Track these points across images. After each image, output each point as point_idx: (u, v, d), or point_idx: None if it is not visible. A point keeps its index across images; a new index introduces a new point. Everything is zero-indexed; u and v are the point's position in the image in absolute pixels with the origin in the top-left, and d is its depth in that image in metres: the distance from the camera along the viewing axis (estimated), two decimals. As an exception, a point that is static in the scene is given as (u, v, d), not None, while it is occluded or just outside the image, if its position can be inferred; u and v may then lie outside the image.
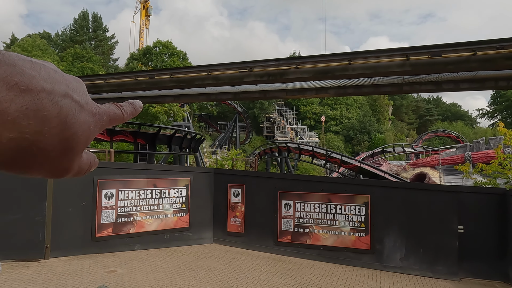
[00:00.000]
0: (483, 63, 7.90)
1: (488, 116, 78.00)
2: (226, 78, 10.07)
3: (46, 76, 0.38)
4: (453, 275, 8.21)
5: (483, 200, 8.49)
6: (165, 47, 50.69)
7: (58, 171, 0.42)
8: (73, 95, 0.40)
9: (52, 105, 0.37)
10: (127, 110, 0.50)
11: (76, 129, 0.40)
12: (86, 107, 0.42)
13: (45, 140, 0.37)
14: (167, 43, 51.31)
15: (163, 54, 50.65)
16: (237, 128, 60.85)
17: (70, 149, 0.41)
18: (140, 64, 48.07)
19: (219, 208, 10.43)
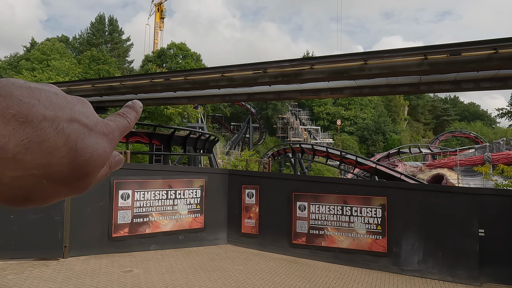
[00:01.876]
0: (505, 61, 7.66)
1: (508, 116, 75.63)
2: (240, 79, 10.07)
3: (48, 103, 0.35)
4: (473, 279, 7.98)
5: (505, 202, 8.22)
6: (179, 49, 51.23)
7: (78, 191, 0.40)
8: (80, 118, 0.37)
9: (57, 133, 0.34)
10: (131, 117, 0.48)
11: (90, 154, 0.37)
12: (95, 129, 0.39)
13: (56, 173, 0.34)
14: (181, 45, 51.85)
15: (177, 56, 51.20)
16: (250, 129, 60.97)
17: (86, 174, 0.38)
18: (155, 66, 48.71)
19: (233, 209, 10.43)
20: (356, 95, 12.61)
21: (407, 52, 8.31)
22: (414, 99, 78.98)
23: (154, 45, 72.51)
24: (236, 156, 40.49)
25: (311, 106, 69.36)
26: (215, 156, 32.13)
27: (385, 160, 36.74)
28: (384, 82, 10.31)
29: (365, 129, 64.74)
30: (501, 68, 8.12)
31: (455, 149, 35.93)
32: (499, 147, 29.61)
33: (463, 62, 7.83)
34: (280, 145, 34.77)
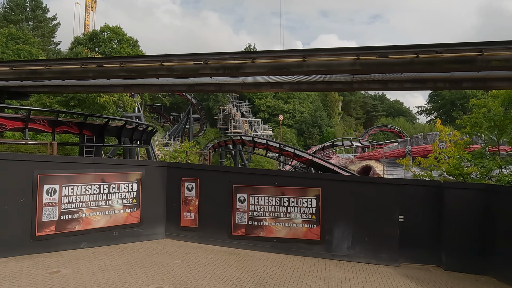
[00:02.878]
0: (425, 65, 8.52)
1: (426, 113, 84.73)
2: (181, 70, 9.81)
3: None
4: (393, 261, 8.87)
5: (421, 191, 9.23)
6: (114, 33, 47.92)
7: None
8: None
9: None
10: None
11: None
12: None
13: None
14: (116, 28, 48.53)
15: (112, 40, 47.89)
16: (190, 120, 59.71)
17: None
18: (86, 49, 44.98)
19: (172, 202, 10.21)
20: (295, 90, 13.04)
21: (342, 51, 8.82)
22: (348, 95, 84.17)
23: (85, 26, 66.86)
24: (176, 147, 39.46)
25: (252, 98, 70.14)
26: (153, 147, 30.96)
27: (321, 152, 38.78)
28: (320, 79, 10.82)
29: (303, 123, 67.47)
30: (421, 71, 9.02)
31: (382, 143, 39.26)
32: (418, 141, 33.03)
33: (390, 64, 8.55)
34: (221, 137, 34.70)
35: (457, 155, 15.72)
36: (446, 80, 10.03)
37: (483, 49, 7.85)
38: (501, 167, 14.97)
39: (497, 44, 7.94)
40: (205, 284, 6.80)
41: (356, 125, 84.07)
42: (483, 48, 7.88)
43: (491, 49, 7.87)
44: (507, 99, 15.19)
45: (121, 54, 42.05)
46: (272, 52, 9.63)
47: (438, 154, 16.82)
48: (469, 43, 8.15)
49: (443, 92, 73.35)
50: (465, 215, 8.62)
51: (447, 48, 8.16)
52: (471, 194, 8.74)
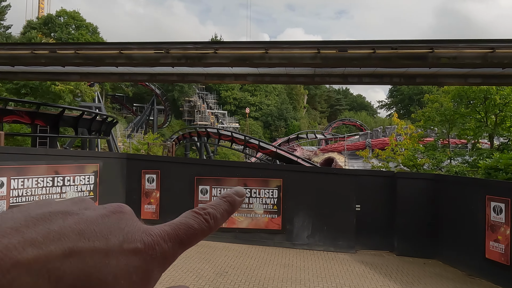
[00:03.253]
0: (381, 61, 8.87)
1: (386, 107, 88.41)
2: (141, 59, 9.48)
3: None
4: (350, 248, 9.28)
5: (376, 181, 9.69)
6: (72, 18, 45.32)
7: None
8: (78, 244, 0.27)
9: None
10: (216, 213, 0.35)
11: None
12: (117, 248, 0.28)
13: None
14: (73, 13, 45.89)
15: (69, 26, 45.29)
16: (154, 111, 58.07)
17: None
18: (40, 34, 42.18)
19: (132, 195, 9.96)
20: (259, 83, 13.08)
21: (303, 45, 8.96)
22: (313, 89, 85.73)
23: (39, 9, 62.48)
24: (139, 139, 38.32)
25: (218, 90, 69.46)
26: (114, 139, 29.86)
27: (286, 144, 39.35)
28: (283, 71, 10.93)
29: (269, 115, 67.94)
30: (378, 66, 9.38)
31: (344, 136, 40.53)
32: (377, 134, 34.44)
33: (349, 58, 8.81)
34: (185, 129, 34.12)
35: (411, 147, 16.65)
36: (402, 75, 10.51)
37: (434, 46, 8.31)
38: (450, 158, 16.04)
39: (446, 42, 8.43)
40: (164, 276, 6.74)
41: (321, 119, 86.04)
42: (434, 45, 8.34)
43: (441, 47, 8.35)
44: (456, 95, 16.25)
45: (80, 41, 39.89)
46: (235, 43, 9.58)
47: (395, 146, 17.72)
48: (422, 40, 8.59)
49: (402, 88, 76.81)
50: (416, 204, 9.17)
51: (401, 44, 8.54)
52: (421, 184, 9.31)
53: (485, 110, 15.43)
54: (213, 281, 6.64)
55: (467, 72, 9.76)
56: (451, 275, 7.81)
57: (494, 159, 9.93)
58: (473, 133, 16.12)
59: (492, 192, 7.37)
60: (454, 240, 8.41)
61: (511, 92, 14.66)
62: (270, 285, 6.65)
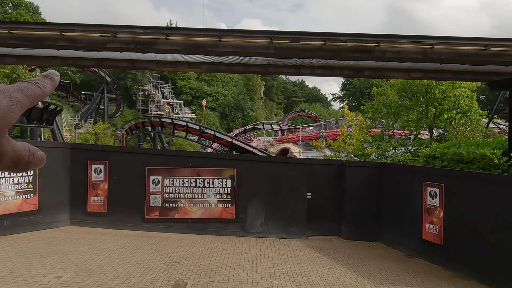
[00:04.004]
0: (332, 53, 9.12)
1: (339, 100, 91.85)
2: (85, 42, 8.87)
3: None
4: (302, 234, 9.59)
5: (327, 170, 10.06)
6: (8, -5, 41.28)
7: None
8: None
9: None
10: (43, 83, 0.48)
11: None
12: None
13: None
14: (10, -10, 41.81)
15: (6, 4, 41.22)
16: (105, 100, 55.07)
17: None
18: (-29, 12, 37.94)
19: (78, 187, 9.43)
20: (213, 71, 12.89)
21: (256, 34, 8.94)
22: (270, 80, 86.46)
23: (-31, -16, 56.04)
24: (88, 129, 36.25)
25: (174, 79, 67.56)
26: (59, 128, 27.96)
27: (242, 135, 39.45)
28: (238, 60, 10.85)
29: (226, 106, 67.51)
30: (329, 58, 9.64)
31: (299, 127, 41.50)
32: (331, 126, 35.73)
33: (301, 49, 8.95)
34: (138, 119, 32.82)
35: (360, 138, 17.49)
36: (351, 68, 10.91)
37: (380, 41, 8.71)
38: (395, 148, 17.10)
39: (391, 37, 8.88)
40: (112, 269, 6.50)
41: (277, 110, 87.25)
42: (380, 40, 8.74)
43: (386, 41, 8.77)
44: (401, 88, 17.29)
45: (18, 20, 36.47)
46: (188, 30, 9.31)
47: (345, 137, 18.50)
48: (369, 34, 8.96)
49: (353, 81, 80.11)
50: (362, 190, 9.67)
51: (350, 38, 8.85)
52: (368, 172, 9.82)
53: (426, 103, 16.60)
54: (164, 272, 6.53)
55: (409, 67, 10.37)
56: (392, 256, 8.38)
57: (432, 148, 10.73)
58: (415, 124, 17.30)
59: (429, 178, 7.98)
60: (396, 223, 9.03)
61: (448, 86, 15.90)
62: (222, 273, 6.68)
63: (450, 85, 15.76)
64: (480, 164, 9.00)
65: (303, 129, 39.68)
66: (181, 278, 6.30)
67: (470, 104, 16.22)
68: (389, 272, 7.18)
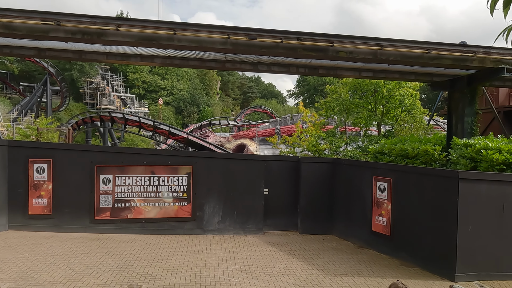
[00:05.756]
0: (288, 51, 9.24)
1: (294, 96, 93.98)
2: (24, 29, 8.10)
3: None
4: (259, 230, 9.67)
5: (283, 166, 10.23)
6: None
7: None
8: None
9: None
10: None
11: None
12: None
13: None
14: None
15: None
16: (48, 92, 51.20)
17: None
18: None
19: (17, 188, 8.65)
20: (168, 65, 12.49)
21: (213, 29, 8.78)
22: (226, 76, 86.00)
23: None
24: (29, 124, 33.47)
25: (125, 72, 64.64)
26: (-6, 123, 25.46)
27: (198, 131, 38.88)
28: (194, 55, 10.59)
29: (181, 100, 66.06)
30: (285, 56, 9.75)
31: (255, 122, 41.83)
32: (286, 122, 36.43)
33: (258, 46, 8.96)
34: (86, 113, 30.92)
35: (314, 134, 18.03)
36: (306, 66, 11.16)
37: (334, 40, 8.99)
38: (347, 144, 17.86)
39: (344, 37, 9.20)
40: (58, 276, 6.06)
41: (234, 105, 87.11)
42: (334, 39, 9.02)
43: (339, 41, 9.07)
44: (352, 87, 18.07)
45: None
46: (140, 21, 8.87)
47: (300, 133, 18.96)
48: (324, 34, 9.20)
49: (308, 79, 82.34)
50: (317, 185, 9.97)
51: (306, 36, 9.02)
52: (322, 167, 10.14)
53: (375, 101, 17.52)
54: (117, 276, 6.23)
55: (361, 66, 10.84)
56: (345, 247, 8.76)
57: (380, 144, 11.35)
58: (365, 121, 18.20)
59: (378, 173, 8.43)
60: (348, 216, 9.44)
61: (395, 86, 16.91)
62: (179, 273, 6.53)
63: (396, 85, 16.77)
64: (423, 159, 9.69)
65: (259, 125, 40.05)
66: (135, 282, 6.05)
67: (414, 103, 17.41)
68: (342, 263, 7.49)
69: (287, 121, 36.77)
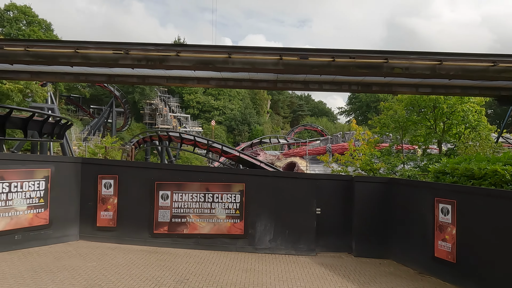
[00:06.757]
0: (340, 69, 9.23)
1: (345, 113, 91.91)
2: (98, 59, 9.10)
3: None
4: (311, 251, 9.47)
5: (336, 185, 10.00)
6: (22, 13, 42.54)
7: None
8: None
9: None
10: None
11: None
12: None
13: None
14: (24, 8, 43.12)
15: (20, 21, 42.47)
16: (113, 114, 55.84)
17: None
18: (-14, 29, 39.13)
19: (88, 201, 9.48)
20: (222, 87, 13.05)
21: (266, 51, 9.09)
22: (276, 95, 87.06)
23: (-15, 2, 57.99)
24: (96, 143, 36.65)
25: (181, 93, 68.37)
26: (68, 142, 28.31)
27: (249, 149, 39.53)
28: (247, 76, 11.02)
29: (232, 120, 67.92)
30: (337, 74, 9.74)
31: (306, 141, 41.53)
32: (337, 140, 35.65)
33: (310, 65, 9.07)
34: (146, 132, 33.14)
35: (368, 153, 17.41)
36: (359, 83, 11.00)
37: (388, 57, 8.80)
38: (404, 163, 16.97)
39: (399, 53, 8.96)
40: (122, 286, 6.47)
41: (283, 124, 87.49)
42: (388, 56, 8.83)
43: (394, 57, 8.86)
44: (409, 103, 17.29)
45: (32, 38, 37.55)
46: (198, 47, 9.50)
47: (353, 152, 18.43)
48: (377, 51, 9.06)
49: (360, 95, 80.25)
50: (372, 206, 9.57)
51: (359, 54, 8.95)
52: (377, 187, 9.74)
53: (434, 118, 16.54)
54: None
55: (418, 82, 10.42)
56: (404, 273, 8.22)
57: (442, 164, 10.63)
58: (423, 139, 17.20)
59: (440, 194, 7.89)
60: (406, 240, 8.89)
61: (456, 101, 15.86)
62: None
63: (458, 100, 15.73)
64: (491, 180, 8.88)
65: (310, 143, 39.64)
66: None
67: (479, 119, 16.13)
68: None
69: (339, 139, 35.95)
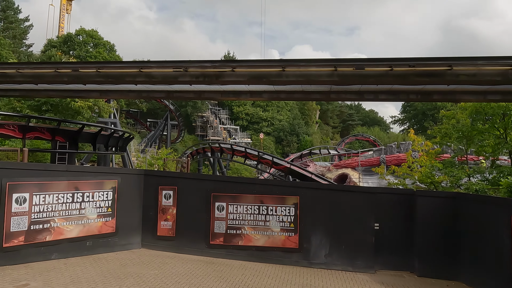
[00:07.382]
0: (397, 78, 8.83)
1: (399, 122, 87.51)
2: (160, 77, 9.69)
3: None
4: (369, 268, 9.05)
5: (395, 199, 9.51)
6: (90, 37, 46.91)
7: None
8: None
9: None
10: None
11: None
12: None
13: None
14: (92, 32, 47.53)
15: (88, 44, 46.83)
16: (168, 126, 58.87)
17: None
18: (60, 52, 43.68)
19: (149, 211, 10.02)
20: (274, 99, 13.17)
21: (320, 63, 9.01)
22: (325, 104, 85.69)
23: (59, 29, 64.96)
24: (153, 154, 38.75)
25: (230, 106, 70.12)
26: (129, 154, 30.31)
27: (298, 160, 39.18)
28: (299, 88, 10.99)
29: (281, 130, 67.96)
30: (394, 83, 9.34)
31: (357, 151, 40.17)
32: (392, 150, 33.98)
33: (366, 76, 8.80)
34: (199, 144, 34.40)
35: (428, 164, 16.33)
36: (418, 92, 10.45)
37: (452, 64, 8.24)
38: (469, 175, 15.66)
39: (465, 59, 8.36)
40: (182, 295, 6.69)
41: (333, 134, 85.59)
42: (452, 63, 8.27)
43: (459, 64, 8.28)
44: (474, 111, 15.99)
45: (97, 58, 41.21)
46: (252, 62, 9.71)
47: (411, 163, 17.42)
48: (439, 58, 8.54)
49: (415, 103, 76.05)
50: (437, 222, 8.94)
51: (419, 62, 8.51)
52: (442, 202, 9.09)
53: (505, 127, 15.11)
54: (231, 301, 6.54)
55: (486, 89, 9.64)
56: (477, 298, 7.51)
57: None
58: (491, 150, 15.75)
59: (518, 212, 7.14)
60: (477, 261, 8.13)
61: (531, 108, 14.35)
62: (289, 306, 6.51)
63: (533, 107, 14.23)
64: None
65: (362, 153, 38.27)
66: (249, 309, 6.25)
67: (560, 127, 14.43)
68: (476, 317, 6.42)
69: (393, 150, 34.25)
